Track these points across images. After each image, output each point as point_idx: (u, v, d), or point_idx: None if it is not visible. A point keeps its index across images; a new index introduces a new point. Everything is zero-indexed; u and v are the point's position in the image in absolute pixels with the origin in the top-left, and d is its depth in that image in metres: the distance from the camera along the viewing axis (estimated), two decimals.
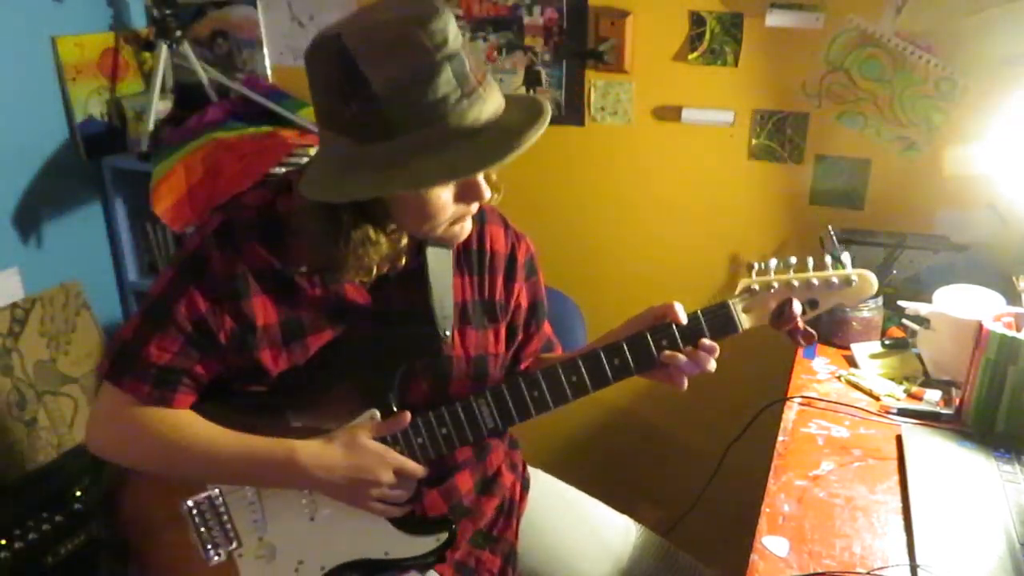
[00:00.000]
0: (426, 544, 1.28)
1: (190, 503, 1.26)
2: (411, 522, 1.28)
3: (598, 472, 1.72)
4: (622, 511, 1.53)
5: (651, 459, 2.28)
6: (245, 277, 1.18)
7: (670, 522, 1.70)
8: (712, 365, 1.19)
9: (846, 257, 1.22)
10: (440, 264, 1.27)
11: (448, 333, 1.27)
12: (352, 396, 1.25)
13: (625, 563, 1.44)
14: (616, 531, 1.48)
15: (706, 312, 1.19)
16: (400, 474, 1.21)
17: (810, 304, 1.20)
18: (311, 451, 1.20)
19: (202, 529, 1.27)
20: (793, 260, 1.19)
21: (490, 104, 1.07)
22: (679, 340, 1.19)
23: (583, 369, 1.21)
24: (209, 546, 1.27)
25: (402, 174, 1.05)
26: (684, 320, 1.19)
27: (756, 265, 1.19)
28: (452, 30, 1.03)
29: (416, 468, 1.23)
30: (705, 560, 1.49)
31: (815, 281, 1.19)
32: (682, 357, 1.18)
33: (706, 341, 1.18)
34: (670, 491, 1.76)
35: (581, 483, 1.57)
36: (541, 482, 1.54)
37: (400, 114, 1.03)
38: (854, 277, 1.19)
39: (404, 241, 1.19)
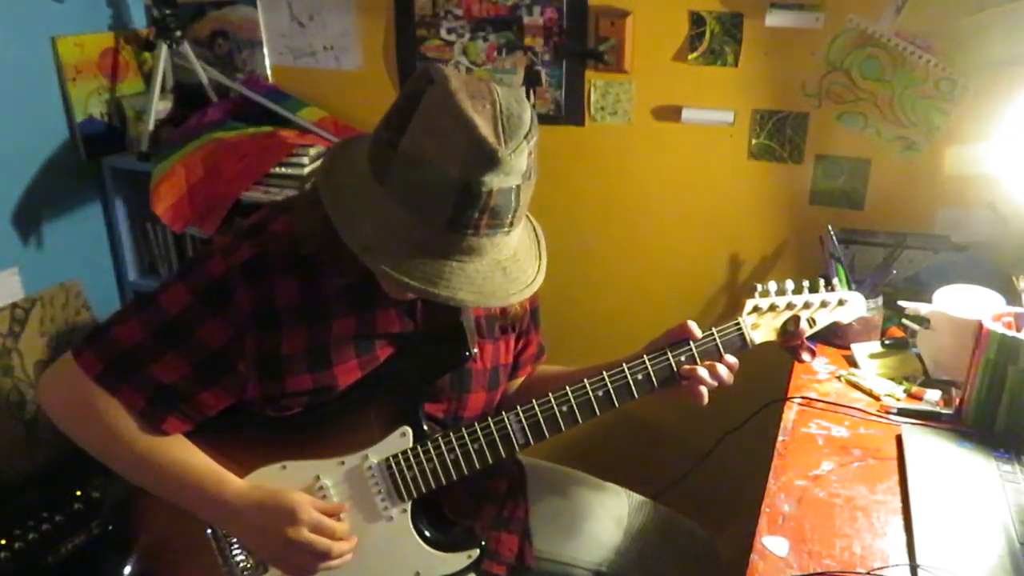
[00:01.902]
0: (458, 561, 1.28)
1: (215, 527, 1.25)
2: (441, 540, 1.28)
3: (590, 462, 1.73)
4: None
5: (645, 450, 2.27)
6: (273, 311, 1.17)
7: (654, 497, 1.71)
8: (731, 379, 1.26)
9: (836, 281, 1.37)
10: None
11: (475, 350, 1.29)
12: (383, 415, 1.25)
13: (631, 526, 1.49)
14: (616, 498, 1.54)
15: (720, 330, 1.27)
16: (319, 531, 1.18)
17: (809, 322, 1.31)
18: (235, 490, 1.20)
19: (226, 554, 1.25)
20: (790, 284, 1.30)
21: (460, 246, 1.05)
22: (696, 356, 1.25)
23: (608, 383, 1.24)
24: (234, 570, 1.25)
25: (375, 255, 1.05)
26: (699, 335, 1.25)
27: (759, 287, 1.28)
28: (497, 199, 1.02)
29: (338, 529, 1.19)
30: None
31: (813, 301, 1.31)
32: (702, 370, 1.24)
33: (730, 358, 1.26)
34: (663, 483, 1.76)
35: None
36: (537, 466, 1.57)
37: (396, 172, 1.04)
38: (846, 297, 1.33)
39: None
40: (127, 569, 1.30)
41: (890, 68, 1.81)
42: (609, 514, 1.50)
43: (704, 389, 1.24)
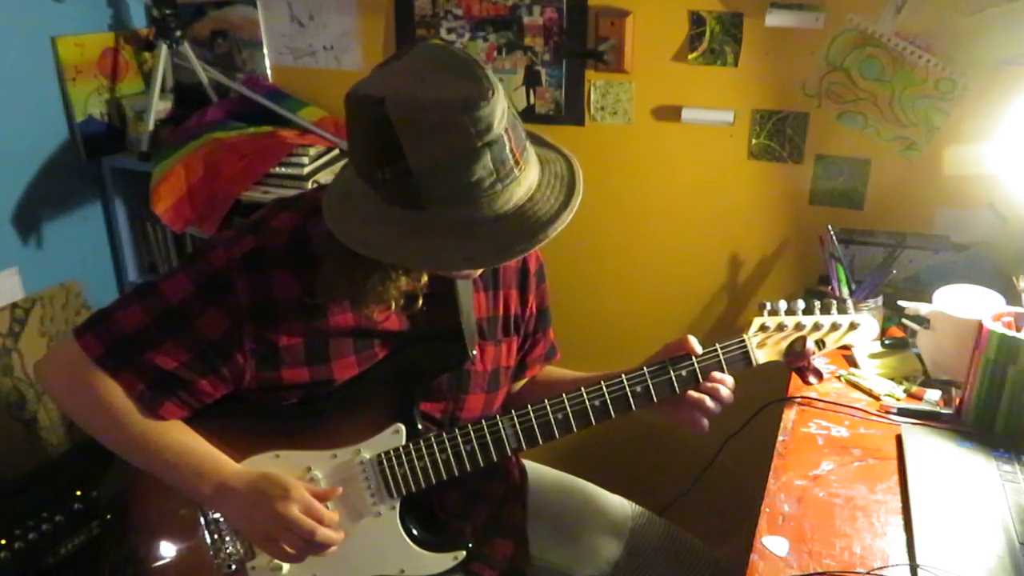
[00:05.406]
0: (443, 562, 1.28)
1: (206, 511, 1.26)
2: (428, 540, 1.28)
3: (592, 468, 1.72)
4: None
5: (647, 456, 2.27)
6: (272, 304, 1.17)
7: (660, 508, 1.71)
8: (731, 398, 1.24)
9: (850, 302, 1.31)
10: (464, 285, 1.28)
11: (475, 352, 1.29)
12: (378, 411, 1.25)
13: (630, 540, 1.48)
14: (616, 509, 1.52)
15: (724, 346, 1.25)
16: (309, 513, 1.17)
17: (818, 344, 1.28)
18: (232, 470, 1.20)
19: (215, 537, 1.26)
20: (801, 303, 1.26)
21: (523, 185, 1.06)
22: (698, 371, 1.24)
23: (606, 394, 1.24)
24: (221, 556, 1.26)
25: (422, 250, 1.05)
26: (699, 351, 1.24)
27: (767, 304, 1.26)
28: (499, 113, 1.00)
29: (328, 515, 1.19)
30: None
31: (823, 323, 1.27)
32: (704, 396, 1.23)
33: (719, 374, 1.24)
34: (666, 490, 1.76)
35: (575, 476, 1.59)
36: (540, 472, 1.57)
37: (431, 192, 1.02)
38: (859, 321, 1.28)
39: (424, 279, 1.21)
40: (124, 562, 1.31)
41: (890, 68, 1.81)
42: (610, 526, 1.49)
43: (706, 421, 1.24)
